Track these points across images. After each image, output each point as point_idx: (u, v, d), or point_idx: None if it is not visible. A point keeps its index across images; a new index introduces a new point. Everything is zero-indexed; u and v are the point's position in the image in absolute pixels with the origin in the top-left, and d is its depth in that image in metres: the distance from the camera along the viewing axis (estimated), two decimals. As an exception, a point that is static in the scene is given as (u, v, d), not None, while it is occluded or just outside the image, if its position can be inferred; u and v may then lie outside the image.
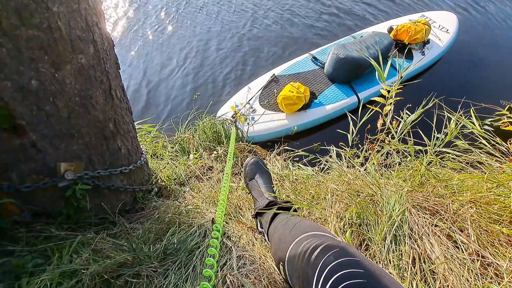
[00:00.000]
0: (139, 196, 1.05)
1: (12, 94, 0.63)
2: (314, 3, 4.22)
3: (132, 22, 3.92)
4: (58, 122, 0.71)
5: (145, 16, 4.00)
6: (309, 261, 0.44)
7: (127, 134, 0.99)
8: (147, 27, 3.86)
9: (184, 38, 3.69)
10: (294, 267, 0.48)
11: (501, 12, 4.24)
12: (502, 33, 3.88)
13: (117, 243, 0.68)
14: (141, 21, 3.93)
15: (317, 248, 0.45)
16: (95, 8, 0.79)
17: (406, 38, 2.92)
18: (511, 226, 0.60)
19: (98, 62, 0.79)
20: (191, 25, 3.89)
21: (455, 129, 0.88)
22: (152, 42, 3.64)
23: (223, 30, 3.78)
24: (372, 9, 4.13)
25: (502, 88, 2.93)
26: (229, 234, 0.74)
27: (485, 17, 4.11)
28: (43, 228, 0.69)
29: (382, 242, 0.61)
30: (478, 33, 3.81)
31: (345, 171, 0.91)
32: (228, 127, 2.07)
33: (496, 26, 3.99)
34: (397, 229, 0.63)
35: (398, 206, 0.65)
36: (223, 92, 3.05)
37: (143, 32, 3.78)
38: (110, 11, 4.05)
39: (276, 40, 3.63)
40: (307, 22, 3.89)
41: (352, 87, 2.65)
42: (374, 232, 0.64)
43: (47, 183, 0.72)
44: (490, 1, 4.39)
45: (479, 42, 3.63)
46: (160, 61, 3.40)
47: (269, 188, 0.89)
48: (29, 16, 0.60)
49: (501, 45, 3.66)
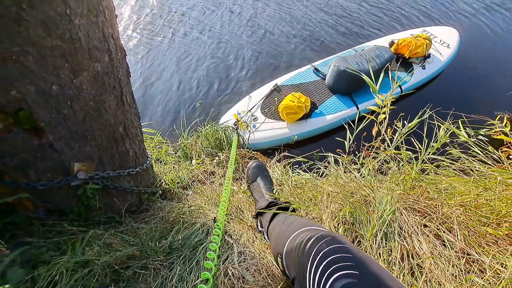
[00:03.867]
0: (144, 197, 1.10)
1: (35, 98, 0.68)
2: (318, 16, 4.35)
3: (140, 31, 4.06)
4: (74, 125, 0.76)
5: (152, 25, 4.15)
6: (304, 250, 0.48)
7: (135, 138, 1.04)
8: (153, 36, 3.99)
9: (189, 47, 3.81)
10: (291, 258, 0.52)
11: (503, 26, 4.34)
12: (503, 47, 3.96)
13: (125, 238, 0.72)
14: (149, 29, 4.08)
15: (311, 238, 0.49)
16: (111, 21, 0.85)
17: (407, 52, 3.00)
18: (498, 228, 0.64)
19: (112, 70, 0.85)
20: (196, 34, 4.02)
21: (444, 137, 0.92)
22: (158, 51, 3.76)
23: (228, 41, 3.90)
24: (375, 24, 4.25)
25: (500, 101, 2.97)
26: (230, 232, 0.78)
27: (487, 32, 4.21)
28: (55, 223, 0.73)
29: (373, 239, 0.65)
30: (479, 48, 3.90)
31: (340, 174, 0.95)
32: (230, 134, 2.13)
33: (498, 40, 4.08)
34: (388, 227, 0.66)
35: (389, 206, 0.69)
36: (225, 100, 3.13)
37: (149, 41, 3.91)
38: (122, 22, 4.21)
39: (280, 51, 3.74)
40: (310, 34, 4.01)
41: (352, 99, 2.71)
42: (366, 229, 0.68)
43: (61, 182, 0.77)
44: (492, 17, 4.50)
45: (480, 57, 3.71)
46: (166, 70, 3.51)
47: (269, 190, 0.93)
48: (54, 28, 0.67)
49: (501, 59, 3.73)
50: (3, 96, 0.65)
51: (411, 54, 2.97)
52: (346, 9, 4.51)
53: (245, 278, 0.59)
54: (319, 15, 4.36)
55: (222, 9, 4.47)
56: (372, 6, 4.61)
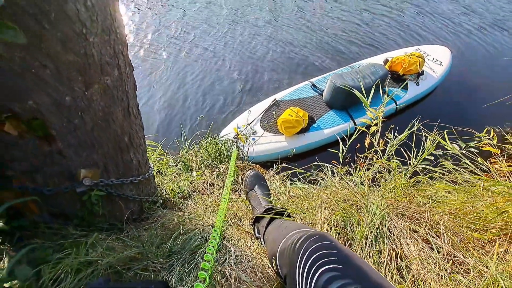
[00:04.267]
0: (146, 206, 1.12)
1: (49, 108, 0.74)
2: (315, 36, 4.54)
3: (147, 48, 4.23)
4: (83, 134, 0.81)
5: (159, 43, 4.32)
6: (295, 249, 0.51)
7: (139, 148, 1.09)
8: (160, 52, 4.15)
9: (191, 64, 3.95)
10: (284, 258, 0.55)
11: (494, 45, 4.52)
12: (493, 65, 4.12)
13: (127, 241, 0.74)
14: (156, 47, 4.25)
15: (301, 238, 0.52)
16: (121, 39, 0.93)
17: (401, 69, 3.12)
18: (484, 233, 0.67)
19: (121, 83, 0.92)
20: (199, 52, 4.18)
21: (431, 147, 0.97)
22: (164, 67, 3.90)
23: (230, 58, 4.06)
24: (370, 42, 4.44)
25: (491, 116, 3.06)
26: (228, 238, 0.80)
27: (478, 50, 4.39)
28: (60, 227, 0.76)
29: (363, 241, 0.67)
30: (471, 65, 4.05)
31: (334, 182, 0.99)
32: (229, 147, 2.17)
33: (488, 58, 4.24)
34: (378, 230, 0.69)
35: (379, 211, 0.72)
36: (226, 114, 3.21)
37: (155, 57, 4.06)
38: (131, 40, 4.40)
39: (279, 68, 3.88)
40: (308, 52, 4.18)
41: (349, 113, 2.78)
42: (357, 232, 0.71)
43: (68, 187, 0.80)
44: (483, 36, 4.70)
45: (472, 74, 3.85)
46: (171, 85, 3.63)
47: (266, 197, 0.97)
48: (71, 45, 0.73)
49: (491, 76, 3.86)
50: (20, 105, 0.70)
51: (405, 71, 3.09)
52: (343, 29, 4.72)
53: (242, 279, 0.61)
54: (318, 35, 4.55)
55: (225, 29, 4.67)
56: (367, 26, 4.82)
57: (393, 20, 4.99)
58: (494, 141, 1.13)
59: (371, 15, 5.12)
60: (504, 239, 0.63)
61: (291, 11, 5.19)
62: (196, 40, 4.41)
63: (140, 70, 3.83)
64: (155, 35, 4.51)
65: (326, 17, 5.01)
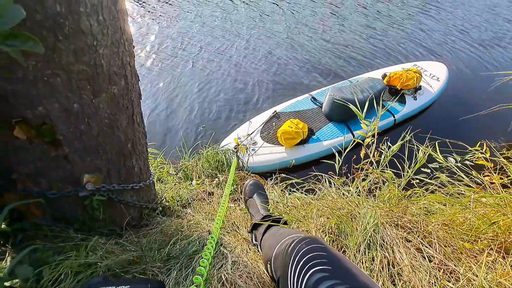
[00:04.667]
0: (145, 213, 1.14)
1: (58, 114, 0.77)
2: (317, 51, 4.67)
3: (160, 61, 4.36)
4: (89, 139, 0.84)
5: (170, 57, 4.45)
6: (287, 252, 0.53)
7: (141, 155, 1.12)
8: (164, 62, 4.27)
9: (197, 75, 4.05)
10: (278, 262, 0.56)
11: (490, 60, 4.63)
12: (489, 79, 4.20)
13: (126, 245, 0.75)
14: (161, 58, 4.37)
15: (294, 241, 0.54)
16: (129, 51, 0.98)
17: (399, 84, 3.20)
18: (476, 243, 0.68)
19: (127, 92, 0.96)
20: (204, 63, 4.29)
21: (423, 158, 1.00)
22: (166, 76, 4.00)
23: (235, 70, 4.17)
24: (368, 58, 4.56)
25: (487, 130, 3.10)
26: (225, 244, 0.82)
27: (474, 66, 4.49)
28: (61, 230, 0.78)
29: (356, 248, 0.69)
30: (467, 80, 4.14)
31: (330, 192, 1.01)
32: (230, 156, 2.20)
33: (485, 72, 4.34)
34: (371, 238, 0.71)
35: (373, 219, 0.74)
36: (227, 125, 3.26)
37: (159, 66, 4.18)
38: (145, 53, 4.53)
39: (281, 81, 3.97)
40: (309, 66, 4.29)
41: (348, 126, 2.83)
42: (350, 239, 0.72)
43: (71, 192, 0.83)
44: (479, 54, 4.82)
45: (469, 89, 3.93)
46: (173, 94, 3.71)
47: (265, 205, 0.99)
48: (82, 56, 0.78)
49: (488, 92, 3.93)
50: (30, 111, 0.74)
51: (403, 86, 3.16)
52: (343, 45, 4.86)
53: (237, 284, 0.62)
54: (319, 50, 4.68)
55: (237, 43, 4.81)
56: (366, 42, 4.96)
57: (392, 37, 5.14)
58: (487, 154, 1.15)
59: (370, 31, 5.28)
60: (494, 249, 0.64)
61: (294, 27, 5.36)
62: (202, 53, 4.54)
63: (146, 80, 3.94)
64: (162, 47, 4.65)
65: (326, 33, 5.17)
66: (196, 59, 4.39)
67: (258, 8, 5.91)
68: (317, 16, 5.77)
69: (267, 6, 6.03)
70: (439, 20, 5.86)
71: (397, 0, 6.50)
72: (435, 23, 5.76)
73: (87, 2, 0.71)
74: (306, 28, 5.32)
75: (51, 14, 0.66)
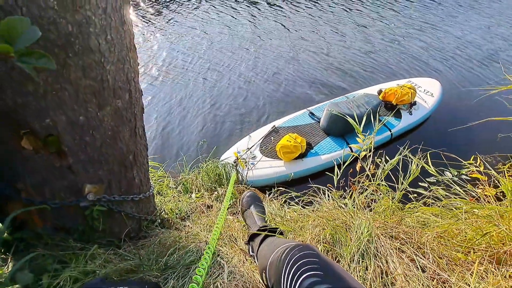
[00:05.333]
0: (144, 225, 1.14)
1: (64, 126, 0.81)
2: (314, 67, 4.82)
3: (165, 76, 4.49)
4: (92, 150, 0.87)
5: (176, 73, 4.60)
6: (281, 259, 0.54)
7: (142, 167, 1.14)
8: (168, 77, 4.41)
9: (195, 91, 4.16)
10: (272, 269, 0.58)
11: (483, 76, 4.76)
12: (482, 94, 4.30)
13: (124, 254, 0.76)
14: (166, 73, 4.51)
15: (287, 248, 0.55)
16: (134, 67, 1.03)
17: (394, 99, 3.28)
18: (469, 254, 0.69)
19: (130, 106, 1.00)
20: (202, 80, 4.41)
21: (416, 170, 1.02)
22: (168, 92, 4.11)
23: (231, 86, 4.28)
24: (364, 74, 4.69)
25: (480, 142, 3.14)
26: (222, 255, 0.82)
27: (466, 81, 4.62)
28: (62, 240, 0.79)
29: (350, 257, 0.69)
30: (461, 95, 4.24)
31: (327, 203, 1.02)
32: (229, 170, 2.22)
33: (477, 88, 4.45)
34: (365, 248, 0.71)
35: (367, 230, 0.75)
36: (227, 139, 3.30)
37: (163, 82, 4.30)
38: (152, 70, 4.68)
39: (280, 97, 4.07)
40: (307, 82, 4.41)
41: (345, 140, 2.87)
42: (345, 249, 0.73)
43: (72, 202, 0.84)
44: (472, 69, 4.96)
45: (462, 105, 4.02)
46: (174, 109, 3.80)
47: (262, 216, 1.00)
48: (90, 71, 0.83)
49: (482, 107, 4.02)
50: (38, 123, 0.77)
51: (398, 101, 3.24)
52: (339, 61, 5.02)
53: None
54: (316, 68, 4.83)
55: (234, 59, 4.97)
56: (361, 60, 5.13)
57: (386, 54, 5.32)
58: (481, 168, 1.18)
59: (366, 49, 5.47)
60: (486, 259, 0.65)
61: (292, 45, 5.56)
62: (202, 69, 4.69)
63: (152, 93, 4.05)
64: (166, 64, 4.81)
65: (323, 51, 5.35)
66: (196, 75, 4.53)
67: (256, 26, 6.16)
68: (314, 34, 6.00)
69: (265, 24, 6.29)
70: (433, 39, 6.08)
71: (392, 20, 6.78)
72: (430, 41, 5.97)
73: (97, 23, 0.77)
74: (304, 46, 5.51)
75: (63, 34, 0.71)
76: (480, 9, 7.58)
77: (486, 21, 6.93)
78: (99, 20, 0.78)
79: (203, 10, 6.96)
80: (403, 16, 7.03)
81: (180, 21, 6.34)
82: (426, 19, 6.95)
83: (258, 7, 7.17)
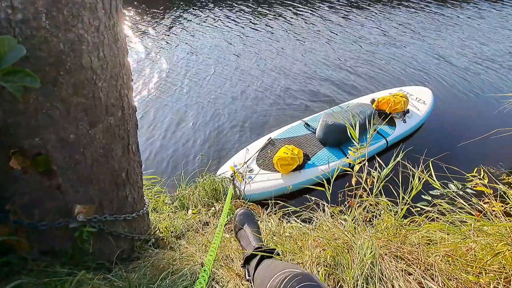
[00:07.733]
0: (137, 245, 1.10)
1: (54, 144, 0.78)
2: (307, 79, 4.90)
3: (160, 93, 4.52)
4: (83, 169, 0.85)
5: (170, 88, 4.63)
6: None
7: (135, 184, 1.11)
8: (165, 92, 4.44)
9: (191, 107, 4.18)
10: None
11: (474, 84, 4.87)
12: (476, 101, 4.40)
13: (114, 280, 0.72)
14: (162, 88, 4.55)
15: (286, 278, 0.53)
16: (127, 84, 1.02)
17: (387, 108, 3.32)
18: (481, 275, 0.66)
19: (123, 123, 0.98)
20: (197, 94, 4.45)
21: (419, 184, 0.99)
22: (164, 107, 4.12)
23: (229, 100, 4.31)
24: (357, 84, 4.78)
25: (480, 155, 3.14)
26: (218, 279, 0.78)
27: (459, 88, 4.72)
28: (48, 265, 0.74)
29: (353, 282, 0.66)
30: (454, 102, 4.32)
31: (325, 220, 0.99)
32: (226, 185, 2.18)
33: (470, 95, 4.55)
34: (369, 271, 0.68)
35: (370, 250, 0.72)
36: (224, 153, 3.28)
37: (160, 97, 4.32)
38: (137, 85, 4.71)
39: (273, 109, 4.10)
40: (300, 94, 4.47)
41: (342, 150, 2.87)
42: (347, 272, 0.69)
43: (61, 223, 0.81)
44: (463, 77, 5.08)
45: (455, 111, 4.09)
46: (172, 124, 3.81)
47: (256, 235, 0.96)
48: (81, 89, 0.81)
49: (474, 115, 4.09)
50: (27, 142, 0.75)
51: (391, 109, 3.27)
52: (330, 73, 5.12)
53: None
54: (309, 80, 4.92)
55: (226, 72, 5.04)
56: (353, 69, 5.24)
57: (377, 64, 5.44)
58: (485, 180, 1.15)
59: (359, 59, 5.59)
60: (500, 283, 0.62)
61: (285, 55, 5.68)
62: (196, 83, 4.73)
63: (147, 109, 4.05)
64: (163, 78, 4.86)
65: (313, 64, 5.46)
66: (190, 89, 4.57)
67: (248, 39, 6.29)
68: (305, 46, 6.14)
69: (257, 37, 6.43)
70: (423, 48, 6.25)
71: (385, 30, 6.99)
72: (419, 50, 6.13)
73: (89, 40, 0.77)
74: (296, 58, 5.63)
75: (55, 52, 0.70)
76: (468, 23, 7.83)
77: (474, 34, 7.15)
78: (92, 37, 0.78)
79: (196, 23, 7.14)
80: (393, 27, 7.26)
81: (173, 37, 6.47)
82: (416, 29, 7.19)
83: (250, 20, 7.37)
